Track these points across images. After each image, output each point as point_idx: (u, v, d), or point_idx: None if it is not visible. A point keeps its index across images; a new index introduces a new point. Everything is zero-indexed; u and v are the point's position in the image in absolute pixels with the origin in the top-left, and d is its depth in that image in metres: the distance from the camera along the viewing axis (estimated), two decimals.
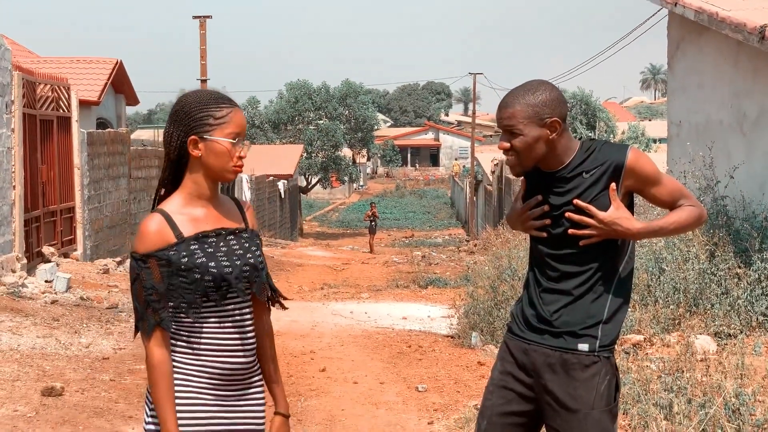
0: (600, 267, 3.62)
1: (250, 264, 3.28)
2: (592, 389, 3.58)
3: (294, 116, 53.25)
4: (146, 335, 3.16)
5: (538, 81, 3.66)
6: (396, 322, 12.86)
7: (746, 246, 10.39)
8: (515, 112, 3.56)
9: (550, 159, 3.63)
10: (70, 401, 7.59)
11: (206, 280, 3.18)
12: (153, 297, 3.16)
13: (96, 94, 24.13)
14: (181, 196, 3.28)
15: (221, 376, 3.24)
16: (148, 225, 3.21)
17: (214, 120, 3.23)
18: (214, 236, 3.26)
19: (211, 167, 3.25)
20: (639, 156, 3.59)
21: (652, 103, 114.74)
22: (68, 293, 12.85)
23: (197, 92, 3.33)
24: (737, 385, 7.09)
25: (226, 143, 3.23)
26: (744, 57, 11.76)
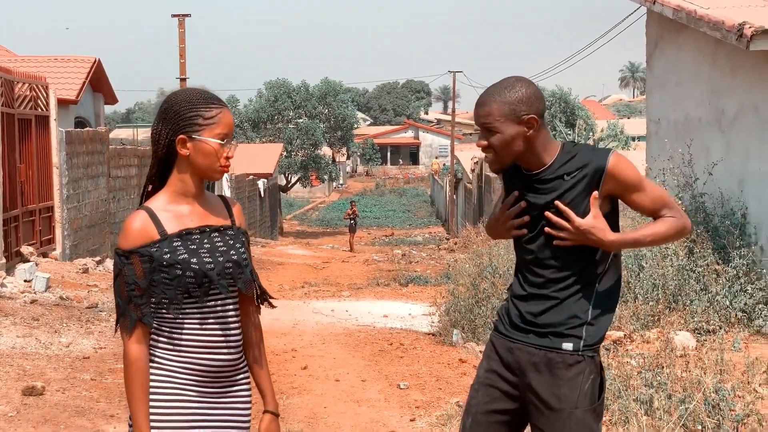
0: (583, 271, 3.62)
1: (233, 261, 3.28)
2: (575, 388, 3.58)
3: (273, 115, 53.14)
4: (126, 331, 3.18)
5: (515, 78, 3.66)
6: (377, 320, 12.87)
7: (724, 243, 10.46)
8: (492, 110, 3.56)
9: (529, 157, 3.63)
10: (51, 400, 7.57)
11: (188, 276, 3.18)
12: (135, 293, 3.17)
13: (74, 93, 24.01)
14: (167, 194, 3.30)
15: (204, 373, 3.23)
16: (132, 221, 3.22)
17: (203, 120, 3.24)
18: (198, 233, 3.27)
19: (199, 166, 3.26)
20: (620, 161, 3.58)
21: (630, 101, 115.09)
22: (48, 293, 12.80)
23: (187, 91, 3.33)
24: (717, 381, 7.13)
25: (215, 144, 3.24)
26: (722, 55, 11.84)
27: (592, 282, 3.63)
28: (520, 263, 3.78)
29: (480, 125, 3.63)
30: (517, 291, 3.75)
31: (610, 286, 3.68)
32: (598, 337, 3.63)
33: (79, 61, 25.72)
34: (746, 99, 11.25)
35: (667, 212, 3.66)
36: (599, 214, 3.56)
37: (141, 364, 3.17)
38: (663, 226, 3.65)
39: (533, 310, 3.66)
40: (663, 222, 3.66)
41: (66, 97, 22.85)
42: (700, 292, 9.80)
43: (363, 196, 67.32)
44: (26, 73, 16.75)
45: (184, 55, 30.08)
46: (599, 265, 3.65)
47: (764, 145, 10.71)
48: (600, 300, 3.64)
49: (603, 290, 3.66)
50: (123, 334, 3.20)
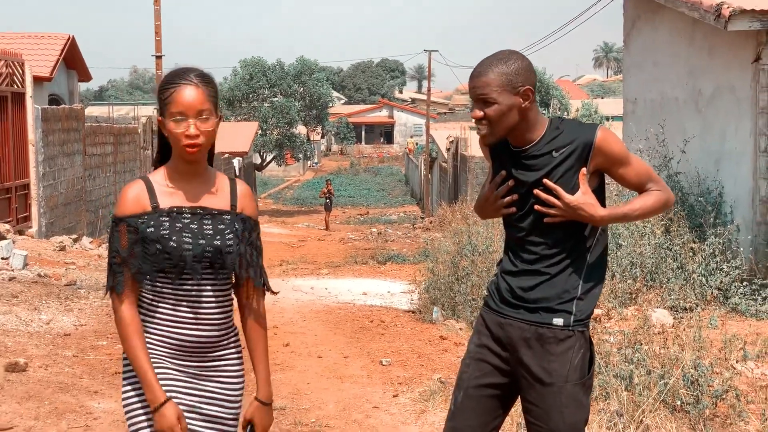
0: (573, 247, 3.66)
1: (215, 246, 3.29)
2: (566, 362, 3.62)
3: (249, 93, 52.95)
4: (107, 294, 3.29)
5: (508, 51, 3.68)
6: (357, 298, 12.92)
7: (701, 221, 10.57)
8: (489, 81, 3.56)
9: (520, 131, 3.64)
10: (35, 377, 7.57)
11: (165, 254, 3.22)
12: (116, 260, 3.24)
13: (48, 70, 23.84)
14: (165, 169, 3.37)
15: (179, 347, 3.29)
16: (128, 190, 3.29)
17: (162, 101, 3.29)
18: (189, 214, 3.28)
19: (173, 146, 3.30)
20: (608, 135, 3.61)
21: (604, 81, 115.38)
22: (25, 270, 12.75)
23: (170, 70, 3.38)
24: (695, 357, 7.22)
25: (169, 123, 3.27)
26: (699, 35, 11.92)
27: (582, 257, 3.68)
28: (511, 240, 3.81)
29: (475, 96, 3.62)
30: (508, 267, 3.77)
31: (598, 260, 3.73)
32: (588, 312, 3.68)
33: (53, 38, 25.53)
34: (723, 79, 11.34)
35: (653, 186, 3.71)
36: (588, 190, 3.60)
37: (132, 321, 3.24)
38: (650, 199, 3.69)
39: (524, 285, 3.70)
40: (649, 195, 3.71)
41: (40, 74, 22.68)
42: (677, 270, 9.90)
43: (338, 175, 67.23)
44: (2, 50, 16.63)
45: (159, 32, 29.82)
46: (588, 239, 3.69)
47: (740, 124, 10.81)
48: (589, 274, 3.69)
49: (592, 264, 3.70)
50: (112, 296, 3.27)
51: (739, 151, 10.81)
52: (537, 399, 3.67)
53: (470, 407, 3.79)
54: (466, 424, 3.80)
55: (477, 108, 3.64)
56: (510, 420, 6.29)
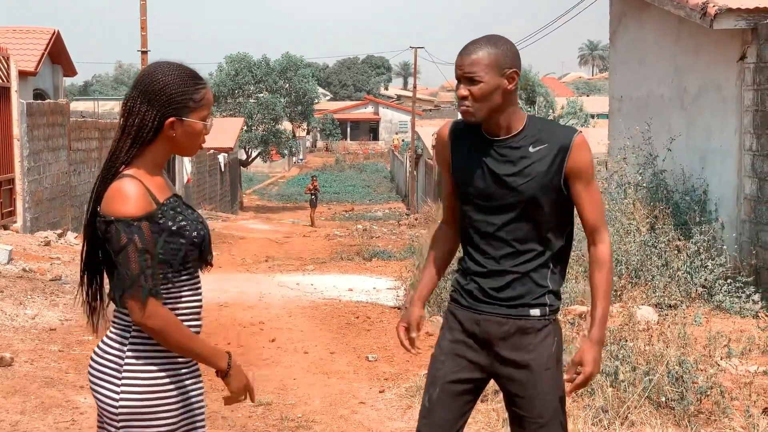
0: (541, 240, 3.69)
1: (209, 232, 3.34)
2: (544, 351, 3.69)
3: (234, 89, 52.89)
4: (142, 303, 3.04)
5: (497, 35, 3.70)
6: (342, 294, 12.93)
7: (686, 219, 10.62)
8: (478, 59, 3.57)
9: (500, 116, 3.64)
10: (20, 371, 7.56)
11: (191, 245, 3.19)
12: (147, 262, 3.07)
13: (33, 65, 23.74)
14: (143, 165, 3.21)
15: None
16: (131, 189, 3.12)
17: (194, 103, 3.21)
18: (177, 204, 3.25)
19: (182, 145, 3.25)
20: (585, 142, 3.63)
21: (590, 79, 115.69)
22: (10, 265, 12.72)
23: (173, 69, 3.24)
24: (680, 354, 7.26)
25: (200, 125, 3.24)
26: (685, 33, 11.97)
27: (551, 252, 3.71)
28: (476, 236, 3.76)
29: (463, 74, 3.62)
30: (475, 268, 3.76)
31: (566, 252, 3.80)
32: (559, 300, 3.75)
33: (38, 32, 25.41)
34: (709, 77, 11.40)
35: (598, 234, 3.70)
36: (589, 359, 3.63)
37: (173, 319, 3.10)
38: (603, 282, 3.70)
39: (495, 285, 3.71)
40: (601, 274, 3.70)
41: (24, 68, 22.56)
42: (662, 268, 9.94)
43: (323, 172, 67.24)
44: None
45: (145, 27, 29.76)
46: (559, 239, 3.73)
47: (726, 122, 10.86)
48: (558, 267, 3.75)
49: (560, 257, 3.76)
50: (137, 306, 3.05)
51: (724, 149, 10.86)
52: (519, 389, 3.71)
53: (446, 402, 3.79)
54: (442, 419, 3.80)
55: (463, 86, 3.64)
56: (497, 416, 6.32)
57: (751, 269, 9.90)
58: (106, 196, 3.15)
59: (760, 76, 9.99)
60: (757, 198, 10.04)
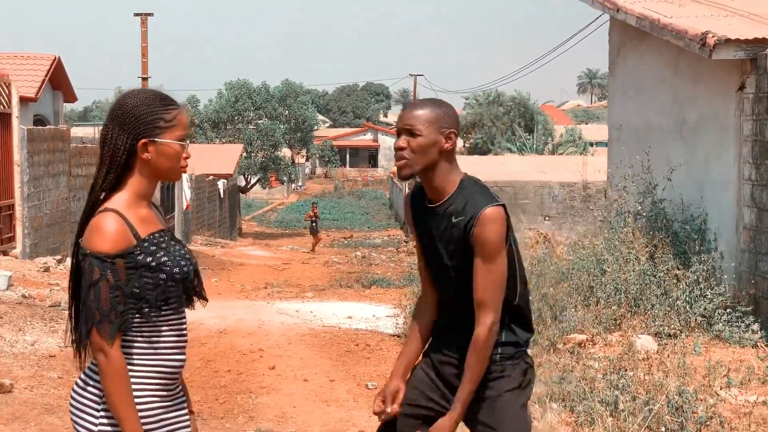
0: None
1: (196, 270, 3.30)
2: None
3: (234, 116, 52.98)
4: (109, 339, 3.05)
5: (441, 99, 3.93)
6: (342, 321, 12.92)
7: (685, 248, 10.63)
8: (420, 115, 3.75)
9: (435, 177, 3.78)
10: (20, 398, 7.56)
11: (169, 283, 3.16)
12: (118, 299, 3.07)
13: (34, 91, 23.83)
14: (126, 195, 3.21)
15: (171, 375, 3.22)
16: (109, 224, 3.11)
17: (164, 123, 3.20)
18: (161, 238, 3.23)
19: (160, 169, 3.22)
20: (492, 216, 3.66)
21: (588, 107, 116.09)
22: (9, 291, 12.71)
23: (141, 93, 3.26)
24: (679, 384, 7.27)
25: (177, 146, 3.22)
26: (684, 63, 12.03)
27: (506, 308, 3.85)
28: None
29: (403, 127, 3.78)
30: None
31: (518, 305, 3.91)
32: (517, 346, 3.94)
33: (39, 58, 25.53)
34: (707, 107, 11.44)
35: (484, 313, 3.72)
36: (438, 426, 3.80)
37: (126, 371, 3.09)
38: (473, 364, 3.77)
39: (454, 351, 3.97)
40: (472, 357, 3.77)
41: (25, 94, 22.65)
42: (661, 297, 9.94)
43: (322, 198, 67.27)
44: None
45: (146, 54, 29.92)
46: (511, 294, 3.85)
47: (724, 152, 10.89)
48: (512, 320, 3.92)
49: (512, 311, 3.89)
50: (103, 342, 3.05)
51: (724, 179, 10.88)
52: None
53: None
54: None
55: (402, 137, 3.79)
56: None
57: (751, 299, 9.90)
58: (87, 229, 3.16)
59: (759, 107, 10.03)
60: (756, 228, 10.06)
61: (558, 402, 7.33)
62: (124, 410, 3.07)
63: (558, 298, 10.25)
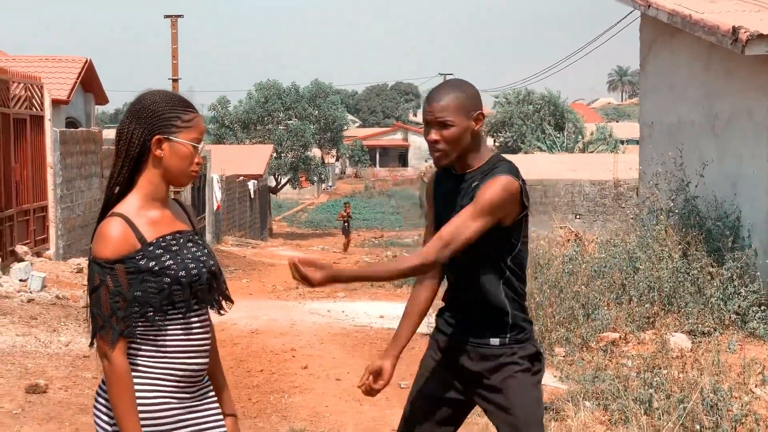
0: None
1: (210, 269, 3.27)
2: None
3: (264, 116, 53.14)
4: (111, 345, 3.07)
5: (458, 79, 3.95)
6: (374, 321, 12.93)
7: (719, 245, 10.55)
8: (449, 105, 3.76)
9: (469, 155, 3.84)
10: (55, 398, 7.62)
11: (174, 287, 3.14)
12: (119, 305, 3.07)
13: (65, 93, 23.97)
14: (137, 198, 3.22)
15: (185, 378, 3.21)
16: (111, 230, 3.12)
17: (181, 122, 3.21)
18: (173, 240, 3.22)
19: (172, 169, 3.22)
20: (496, 181, 3.72)
21: (619, 105, 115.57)
22: (43, 292, 12.83)
23: (162, 92, 3.28)
24: (714, 382, 7.22)
25: (190, 147, 3.23)
26: (716, 59, 11.94)
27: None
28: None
29: (433, 120, 3.79)
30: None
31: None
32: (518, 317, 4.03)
33: (71, 61, 25.68)
34: (740, 103, 11.36)
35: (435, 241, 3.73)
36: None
37: (129, 377, 3.09)
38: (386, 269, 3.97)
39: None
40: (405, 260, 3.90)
41: (57, 97, 22.80)
42: (695, 295, 9.88)
43: (352, 198, 67.20)
44: (21, 73, 16.76)
45: (176, 55, 30.06)
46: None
47: (757, 148, 10.81)
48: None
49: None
50: (105, 347, 3.07)
51: (756, 175, 10.80)
52: None
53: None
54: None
55: (434, 131, 3.80)
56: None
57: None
58: (94, 235, 3.18)
59: None
60: None
61: (591, 400, 7.31)
62: (124, 414, 3.08)
63: (590, 296, 10.21)
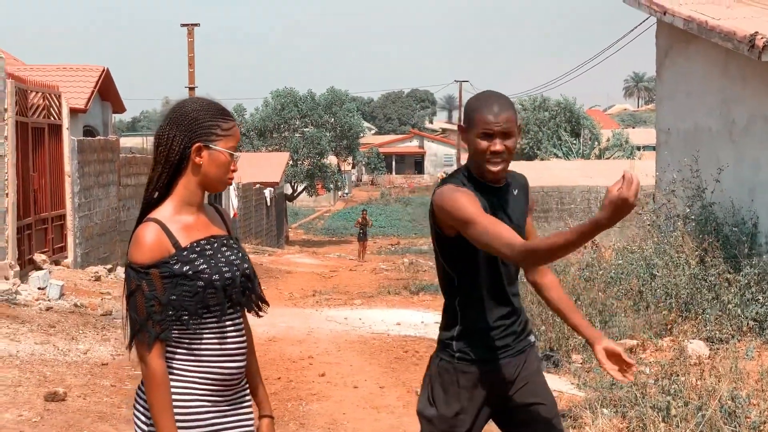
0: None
1: (244, 273, 3.31)
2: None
3: (280, 124, 53.27)
4: (147, 348, 3.11)
5: (499, 92, 3.94)
6: (390, 328, 12.94)
7: (735, 252, 10.52)
8: (512, 116, 3.81)
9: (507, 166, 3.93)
10: (73, 406, 7.65)
11: (209, 291, 3.18)
12: (155, 308, 3.12)
13: (83, 102, 24.06)
14: (172, 204, 3.27)
15: (220, 382, 3.24)
16: (146, 235, 3.17)
17: (221, 131, 3.26)
18: (207, 245, 3.26)
19: (209, 176, 3.26)
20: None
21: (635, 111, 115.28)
22: (62, 300, 12.89)
23: (203, 100, 3.33)
24: (732, 389, 7.19)
25: (228, 155, 3.27)
26: (733, 65, 11.92)
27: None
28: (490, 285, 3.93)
29: (501, 130, 3.79)
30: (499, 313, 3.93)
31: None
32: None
33: (88, 70, 25.78)
34: (757, 109, 11.33)
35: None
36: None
37: (166, 379, 3.14)
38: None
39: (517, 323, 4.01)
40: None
41: (75, 106, 22.87)
42: (712, 301, 9.85)
43: (368, 206, 67.25)
44: (39, 82, 16.84)
45: (193, 64, 30.18)
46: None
47: None
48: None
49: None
50: (142, 350, 3.13)
51: None
52: None
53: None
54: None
55: (499, 141, 3.81)
56: None
57: None
58: (131, 238, 3.23)
59: None
60: None
61: (609, 408, 7.29)
62: (160, 416, 3.13)
63: (607, 303, 10.19)
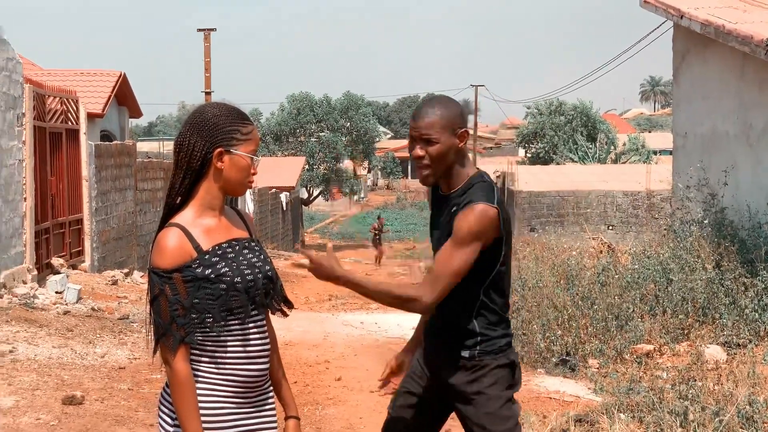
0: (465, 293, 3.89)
1: (266, 275, 3.34)
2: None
3: (296, 128, 53.39)
4: (172, 351, 3.16)
5: (445, 96, 3.98)
6: (406, 332, 12.91)
7: (752, 257, 10.48)
8: (434, 122, 3.80)
9: (452, 174, 3.87)
10: (91, 410, 7.68)
11: (232, 293, 3.21)
12: (178, 312, 3.17)
13: (100, 107, 24.14)
14: (193, 208, 3.31)
15: (244, 384, 3.27)
16: (169, 239, 3.22)
17: (241, 135, 3.30)
18: (229, 248, 3.30)
19: (231, 180, 3.30)
20: (471, 211, 3.72)
21: (651, 115, 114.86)
22: (79, 304, 12.94)
23: (222, 105, 3.36)
24: (750, 394, 7.17)
25: (249, 159, 3.31)
26: (750, 69, 11.89)
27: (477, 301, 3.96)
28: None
29: (419, 136, 3.84)
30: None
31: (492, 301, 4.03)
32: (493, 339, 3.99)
33: (105, 75, 25.88)
34: None
35: (426, 278, 3.78)
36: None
37: (192, 383, 3.18)
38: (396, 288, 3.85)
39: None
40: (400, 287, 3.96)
41: (92, 110, 22.93)
42: (729, 306, 9.81)
43: (384, 210, 67.36)
44: (57, 87, 16.93)
45: (209, 69, 30.27)
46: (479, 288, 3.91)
47: None
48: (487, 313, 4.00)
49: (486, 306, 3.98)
50: (167, 354, 3.17)
51: None
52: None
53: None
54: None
55: (419, 146, 3.85)
56: None
57: None
58: (153, 243, 3.27)
59: None
60: None
61: (626, 412, 7.27)
62: (186, 418, 3.17)
63: (623, 307, 10.17)
